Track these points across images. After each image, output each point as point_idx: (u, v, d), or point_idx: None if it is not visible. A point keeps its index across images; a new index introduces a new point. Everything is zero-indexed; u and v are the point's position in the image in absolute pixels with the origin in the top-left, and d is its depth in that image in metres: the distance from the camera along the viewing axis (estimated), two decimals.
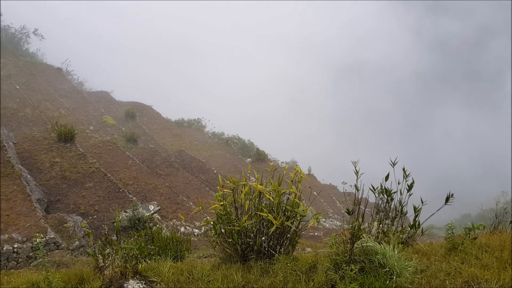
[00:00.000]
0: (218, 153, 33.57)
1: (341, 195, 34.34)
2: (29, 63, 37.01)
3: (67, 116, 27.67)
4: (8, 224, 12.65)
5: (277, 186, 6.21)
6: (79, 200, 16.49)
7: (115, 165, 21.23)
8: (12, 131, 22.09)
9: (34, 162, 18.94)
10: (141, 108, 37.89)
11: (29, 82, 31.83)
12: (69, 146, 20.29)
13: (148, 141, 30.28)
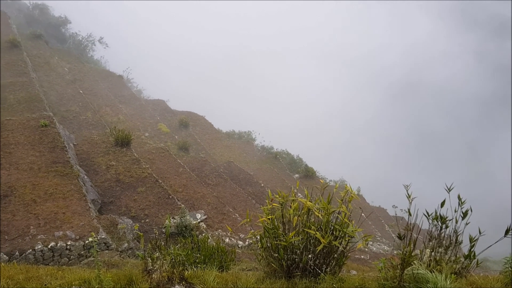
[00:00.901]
0: (266, 167, 33.65)
1: (390, 219, 33.30)
2: (93, 70, 39.03)
3: (125, 121, 28.81)
4: (64, 222, 13.26)
5: (327, 204, 6.14)
6: (130, 204, 17.04)
7: (166, 172, 21.80)
8: (73, 133, 23.30)
9: (92, 164, 19.83)
10: (195, 118, 38.82)
11: (92, 87, 33.52)
12: (125, 150, 21.08)
13: (199, 151, 30.89)
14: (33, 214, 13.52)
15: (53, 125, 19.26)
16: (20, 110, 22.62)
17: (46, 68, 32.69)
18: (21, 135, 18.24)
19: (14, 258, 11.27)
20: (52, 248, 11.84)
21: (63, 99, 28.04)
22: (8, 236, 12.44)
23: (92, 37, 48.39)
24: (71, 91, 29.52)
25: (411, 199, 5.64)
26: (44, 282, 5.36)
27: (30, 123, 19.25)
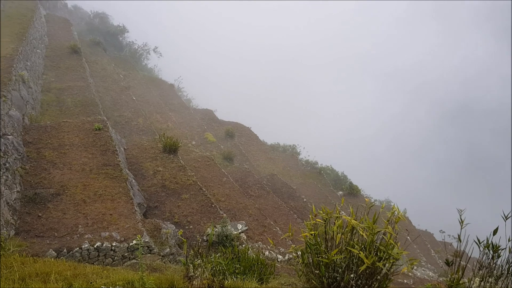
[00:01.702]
0: (309, 182, 33.35)
1: (436, 244, 31.97)
2: (146, 77, 40.41)
3: (174, 129, 29.54)
4: (110, 223, 13.69)
5: (372, 223, 6.00)
6: (174, 210, 17.37)
7: (210, 181, 22.08)
8: (124, 138, 24.13)
9: (140, 169, 20.42)
10: (240, 128, 39.20)
11: (144, 95, 34.67)
12: (172, 157, 21.57)
13: (243, 162, 31.10)
14: (82, 213, 14.06)
15: (106, 129, 20.03)
16: (77, 113, 23.74)
17: (103, 74, 34.19)
18: (76, 137, 19.09)
19: (62, 255, 11.73)
20: (98, 248, 12.24)
21: (117, 105, 29.17)
22: (58, 233, 12.99)
23: (147, 46, 50.31)
24: (124, 97, 30.66)
25: (463, 224, 5.40)
26: (90, 280, 5.54)
27: (85, 126, 20.12)
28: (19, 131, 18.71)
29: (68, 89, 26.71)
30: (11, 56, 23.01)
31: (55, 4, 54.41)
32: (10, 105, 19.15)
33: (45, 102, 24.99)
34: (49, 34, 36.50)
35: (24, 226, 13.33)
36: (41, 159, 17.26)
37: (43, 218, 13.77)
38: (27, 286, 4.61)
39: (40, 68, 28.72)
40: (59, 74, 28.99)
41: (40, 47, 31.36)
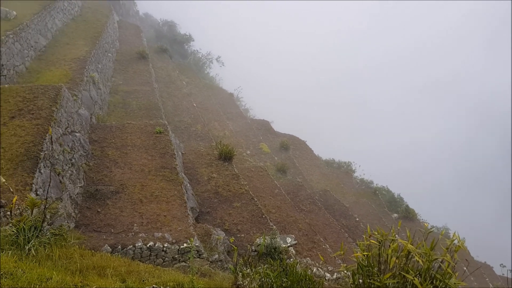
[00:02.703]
0: (363, 201, 32.54)
1: (495, 278, 30.00)
2: (208, 86, 41.45)
3: (230, 137, 29.99)
4: (164, 224, 14.06)
5: (430, 250, 5.74)
6: (225, 217, 17.55)
7: (262, 191, 22.13)
8: (182, 143, 24.80)
9: (195, 174, 20.87)
10: (296, 142, 39.08)
11: (204, 102, 35.53)
12: (227, 165, 21.87)
13: (297, 175, 30.93)
14: (138, 212, 14.56)
15: (167, 133, 20.69)
16: (140, 116, 24.74)
17: (167, 80, 35.46)
18: (138, 139, 19.87)
19: (117, 251, 12.18)
20: (150, 247, 12.59)
21: (178, 110, 30.10)
22: (114, 230, 13.53)
23: (210, 56, 51.69)
24: (186, 104, 31.58)
25: None
26: (143, 278, 5.70)
27: (147, 128, 20.90)
28: (86, 129, 19.78)
29: (134, 92, 27.93)
30: (84, 58, 24.48)
31: (128, 11, 57.35)
32: (80, 104, 20.32)
33: (112, 103, 26.28)
34: (120, 39, 38.47)
35: (84, 220, 14.01)
36: (104, 157, 18.11)
37: (102, 214, 14.40)
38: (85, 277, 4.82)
39: (110, 71, 30.31)
40: (126, 78, 30.41)
41: (111, 51, 33.12)
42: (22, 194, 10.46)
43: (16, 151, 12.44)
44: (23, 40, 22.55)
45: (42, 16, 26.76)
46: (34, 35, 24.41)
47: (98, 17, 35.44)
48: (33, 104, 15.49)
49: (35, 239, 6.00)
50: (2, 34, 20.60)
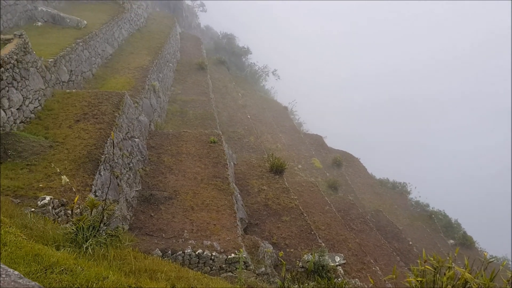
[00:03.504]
0: (417, 225, 31.25)
1: None
2: (262, 98, 41.77)
3: (282, 150, 29.95)
4: (213, 233, 14.19)
5: (489, 281, 5.38)
6: (273, 230, 17.44)
7: (312, 207, 21.83)
8: (235, 153, 25.05)
9: (246, 185, 20.96)
10: (349, 158, 38.36)
11: (259, 114, 35.78)
12: (278, 178, 21.80)
13: (348, 192, 30.28)
14: (189, 219, 14.80)
15: (220, 143, 21.00)
16: (196, 125, 25.31)
17: (224, 91, 36.12)
18: (193, 147, 20.30)
19: (166, 255, 12.41)
20: (199, 255, 12.72)
21: (232, 121, 30.51)
22: (165, 235, 13.82)
23: (267, 69, 52.15)
24: (240, 115, 31.97)
25: None
26: (191, 284, 5.73)
27: (202, 137, 21.32)
28: (145, 135, 20.48)
29: (192, 102, 28.65)
30: (146, 67, 25.47)
31: (190, 23, 59.29)
32: (140, 111, 21.11)
33: (170, 111, 27.09)
34: (181, 50, 39.74)
35: (137, 223, 14.43)
36: (160, 163, 18.65)
37: (155, 218, 14.77)
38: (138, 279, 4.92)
39: (170, 80, 31.33)
40: (185, 88, 31.28)
41: (172, 61, 34.26)
42: (82, 194, 10.94)
43: (79, 153, 13.07)
44: (91, 48, 23.84)
45: (110, 26, 28.20)
46: (101, 43, 25.75)
47: (162, 28, 36.86)
48: (98, 109, 16.26)
49: (93, 239, 6.22)
50: (73, 41, 21.90)
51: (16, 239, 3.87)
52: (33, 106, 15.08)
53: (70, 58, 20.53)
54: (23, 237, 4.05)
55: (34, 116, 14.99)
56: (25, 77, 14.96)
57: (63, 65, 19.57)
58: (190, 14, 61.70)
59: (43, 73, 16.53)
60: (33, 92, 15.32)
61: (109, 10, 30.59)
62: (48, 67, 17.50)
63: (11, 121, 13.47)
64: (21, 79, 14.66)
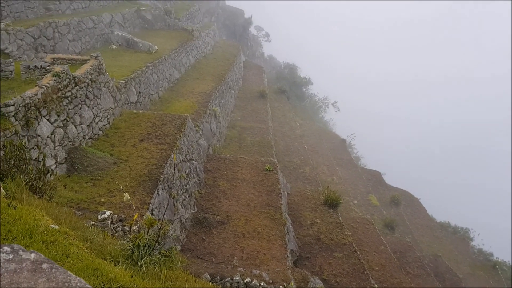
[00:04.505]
0: (479, 274, 29.13)
1: None
2: (320, 129, 41.48)
3: (338, 184, 29.34)
4: (262, 262, 13.98)
5: None
6: (324, 266, 16.92)
7: (366, 245, 21.02)
8: (289, 183, 24.86)
9: (298, 216, 20.63)
10: (408, 198, 36.79)
11: (316, 145, 35.48)
12: (332, 212, 21.29)
13: (406, 234, 28.94)
14: (240, 246, 14.71)
15: (276, 171, 20.94)
16: (253, 152, 25.48)
17: (282, 120, 36.29)
18: (248, 174, 20.38)
19: (215, 280, 12.35)
20: (247, 283, 12.55)
21: (288, 150, 30.45)
22: (215, 259, 13.80)
23: (327, 100, 51.97)
24: (297, 145, 31.86)
25: None
26: None
27: (257, 164, 21.39)
28: (203, 159, 20.88)
29: (250, 128, 28.99)
30: (209, 93, 26.21)
31: (254, 52, 60.73)
32: (200, 134, 21.62)
33: (228, 137, 27.54)
34: (244, 78, 40.64)
35: (189, 245, 14.55)
36: (215, 187, 18.85)
37: (206, 242, 14.83)
38: None
39: (230, 106, 32.00)
40: (245, 114, 31.78)
41: (234, 88, 35.07)
42: (140, 212, 11.22)
43: (140, 171, 13.51)
44: (160, 72, 24.96)
45: (179, 52, 29.47)
46: (169, 68, 26.90)
47: (226, 56, 38.00)
48: (161, 130, 16.83)
49: (147, 257, 6.30)
50: (143, 65, 23.04)
51: (78, 252, 3.98)
52: (102, 124, 15.89)
53: (139, 80, 21.59)
54: (85, 250, 4.17)
55: (102, 133, 15.76)
56: (97, 96, 15.86)
57: (132, 86, 20.59)
58: (255, 43, 63.30)
59: (113, 93, 17.45)
60: (103, 110, 16.16)
61: (179, 37, 32.04)
62: (118, 88, 18.47)
63: (80, 136, 14.23)
64: (94, 97, 15.54)
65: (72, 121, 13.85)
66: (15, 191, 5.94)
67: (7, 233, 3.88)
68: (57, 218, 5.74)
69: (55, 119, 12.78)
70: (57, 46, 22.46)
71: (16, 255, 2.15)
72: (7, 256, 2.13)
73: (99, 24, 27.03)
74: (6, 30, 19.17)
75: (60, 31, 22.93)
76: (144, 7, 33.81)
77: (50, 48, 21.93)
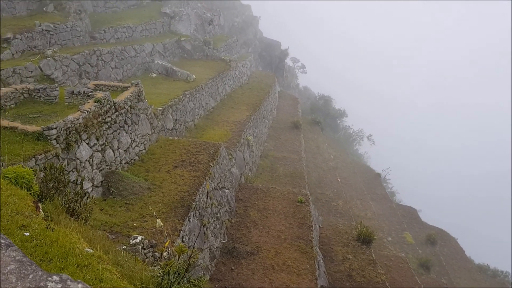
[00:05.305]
0: None
1: None
2: (354, 162, 40.88)
3: (372, 219, 28.61)
4: None
5: None
6: None
7: (400, 285, 20.22)
8: (321, 216, 24.43)
9: (330, 250, 20.14)
10: (445, 237, 35.36)
11: (349, 178, 34.91)
12: (364, 248, 20.68)
13: (442, 275, 27.69)
14: (269, 279, 14.42)
15: (308, 203, 20.64)
16: (284, 182, 25.29)
17: (315, 151, 36.05)
18: (279, 204, 20.18)
19: None
20: None
21: (321, 182, 30.07)
22: None
23: (362, 133, 51.46)
24: (330, 177, 31.46)
25: None
26: None
27: (289, 196, 21.17)
28: (235, 187, 20.87)
29: (283, 159, 28.90)
30: (244, 122, 26.44)
31: (289, 83, 61.25)
32: (233, 163, 21.70)
33: (261, 166, 27.51)
34: (278, 108, 40.87)
35: (218, 274, 14.39)
36: (246, 217, 18.73)
37: (235, 272, 14.63)
38: None
39: (264, 136, 32.12)
40: (278, 144, 31.78)
41: (268, 118, 35.27)
42: (171, 238, 11.24)
43: (173, 197, 13.61)
44: (196, 100, 25.46)
45: (216, 81, 30.07)
46: (206, 97, 27.42)
47: (262, 86, 38.45)
48: (195, 157, 17.01)
49: (177, 285, 6.25)
50: (181, 93, 23.59)
51: (111, 277, 3.99)
52: (138, 149, 16.23)
53: (176, 108, 22.07)
54: (117, 276, 4.17)
55: (138, 159, 16.07)
56: (136, 122, 16.27)
57: (169, 114, 21.05)
58: (290, 74, 63.92)
59: (151, 120, 17.87)
60: (140, 136, 16.54)
61: (216, 66, 32.75)
62: (156, 115, 18.91)
63: (117, 161, 14.55)
64: (132, 123, 15.96)
65: (110, 146, 14.21)
66: (53, 212, 6.07)
67: (44, 254, 3.94)
68: (91, 242, 5.81)
69: (94, 143, 13.15)
70: (100, 73, 23.38)
71: (64, 284, 2.17)
72: (55, 286, 2.15)
73: (140, 53, 28.04)
74: (53, 56, 20.16)
75: (103, 59, 23.90)
76: (184, 37, 34.90)
77: (94, 74, 22.84)
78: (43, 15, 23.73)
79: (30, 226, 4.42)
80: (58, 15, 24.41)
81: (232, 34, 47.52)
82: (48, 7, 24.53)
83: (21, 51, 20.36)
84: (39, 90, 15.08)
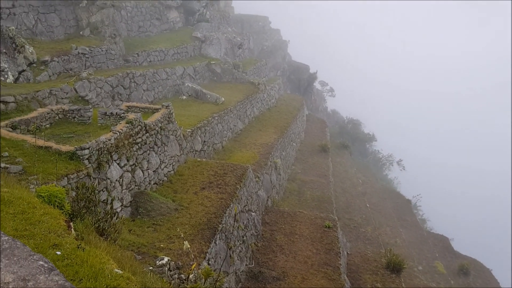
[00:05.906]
0: None
1: None
2: (384, 188, 40.10)
3: (401, 247, 27.81)
4: None
5: None
6: None
7: None
8: (349, 242, 23.92)
9: (358, 278, 19.61)
10: (478, 267, 33.88)
11: (379, 204, 34.20)
12: (394, 277, 20.05)
13: None
14: None
15: (335, 229, 20.27)
16: (312, 207, 24.98)
17: (344, 176, 35.59)
18: (306, 229, 19.89)
19: None
20: None
21: (349, 208, 29.57)
22: None
23: (391, 158, 50.58)
24: (358, 202, 30.91)
25: None
26: None
27: (316, 220, 20.87)
28: (261, 210, 20.75)
29: (310, 182, 28.63)
30: (271, 145, 26.43)
31: (318, 107, 61.15)
32: (260, 186, 21.63)
33: (288, 189, 27.32)
34: (306, 131, 40.76)
35: None
36: (272, 241, 18.52)
37: None
38: None
39: (291, 159, 31.99)
40: (305, 168, 31.56)
41: (296, 141, 35.18)
42: (197, 260, 11.19)
43: (200, 219, 13.62)
44: (224, 122, 25.69)
45: (244, 104, 30.33)
46: (234, 119, 27.64)
47: (290, 109, 38.51)
48: (222, 179, 17.05)
49: None
50: (210, 115, 23.87)
51: None
52: (167, 170, 16.41)
53: (205, 130, 22.31)
54: None
55: (166, 179, 16.23)
56: (165, 143, 16.51)
57: (198, 135, 21.29)
58: (319, 97, 63.87)
59: (180, 141, 18.10)
60: (169, 157, 16.74)
61: (245, 89, 33.09)
62: (185, 136, 19.16)
63: (146, 181, 14.73)
64: (162, 144, 16.19)
65: (140, 166, 14.42)
66: (83, 231, 6.15)
67: (74, 274, 3.99)
68: (120, 262, 5.83)
69: (124, 163, 13.38)
70: (132, 95, 23.98)
71: None
72: None
73: (172, 76, 28.68)
74: (88, 78, 20.83)
75: (136, 81, 24.55)
76: (214, 61, 35.53)
77: (126, 96, 23.44)
78: (80, 39, 24.67)
79: (62, 245, 4.49)
80: (94, 38, 25.33)
81: (261, 57, 48.08)
82: (85, 31, 25.51)
83: (57, 73, 21.14)
84: (74, 111, 15.54)
